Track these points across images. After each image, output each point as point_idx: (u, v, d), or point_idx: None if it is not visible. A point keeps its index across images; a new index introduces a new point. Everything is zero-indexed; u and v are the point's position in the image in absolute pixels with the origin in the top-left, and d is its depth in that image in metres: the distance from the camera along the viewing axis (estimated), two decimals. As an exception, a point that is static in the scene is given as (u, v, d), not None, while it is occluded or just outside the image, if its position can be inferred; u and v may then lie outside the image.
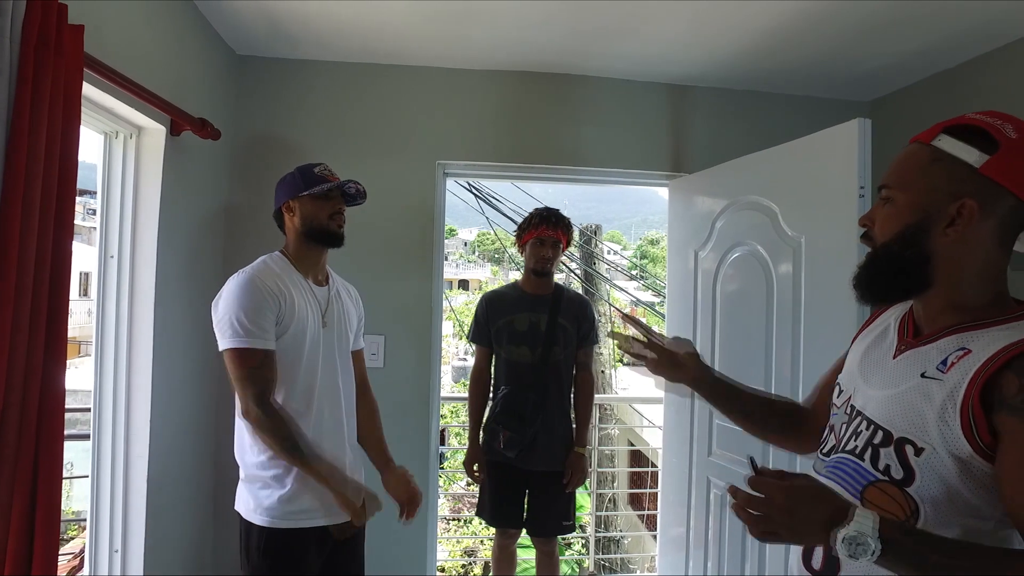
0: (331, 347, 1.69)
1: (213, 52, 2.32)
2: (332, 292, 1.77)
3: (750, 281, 2.26)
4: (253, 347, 1.50)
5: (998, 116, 0.87)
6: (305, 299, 1.64)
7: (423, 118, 2.61)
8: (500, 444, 2.41)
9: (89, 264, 1.92)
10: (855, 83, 2.65)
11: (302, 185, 1.66)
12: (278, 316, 1.55)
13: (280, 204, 1.70)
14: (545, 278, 2.51)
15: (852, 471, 0.92)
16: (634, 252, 37.59)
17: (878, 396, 0.94)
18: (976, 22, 2.07)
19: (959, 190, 0.86)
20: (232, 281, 1.56)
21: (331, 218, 1.69)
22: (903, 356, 0.94)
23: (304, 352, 1.60)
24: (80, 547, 3.55)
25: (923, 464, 0.83)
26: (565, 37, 2.31)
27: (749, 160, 2.32)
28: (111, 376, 1.88)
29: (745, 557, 2.25)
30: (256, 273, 1.57)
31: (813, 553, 0.96)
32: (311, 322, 1.63)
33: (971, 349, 0.84)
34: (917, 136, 0.93)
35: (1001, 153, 0.84)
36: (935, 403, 0.83)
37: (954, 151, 0.87)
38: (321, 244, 1.70)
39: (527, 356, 2.45)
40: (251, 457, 1.57)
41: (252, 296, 1.52)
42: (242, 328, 1.49)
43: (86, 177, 1.90)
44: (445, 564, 6.75)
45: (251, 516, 1.56)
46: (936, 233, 0.88)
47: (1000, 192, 0.84)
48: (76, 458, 3.61)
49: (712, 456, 2.46)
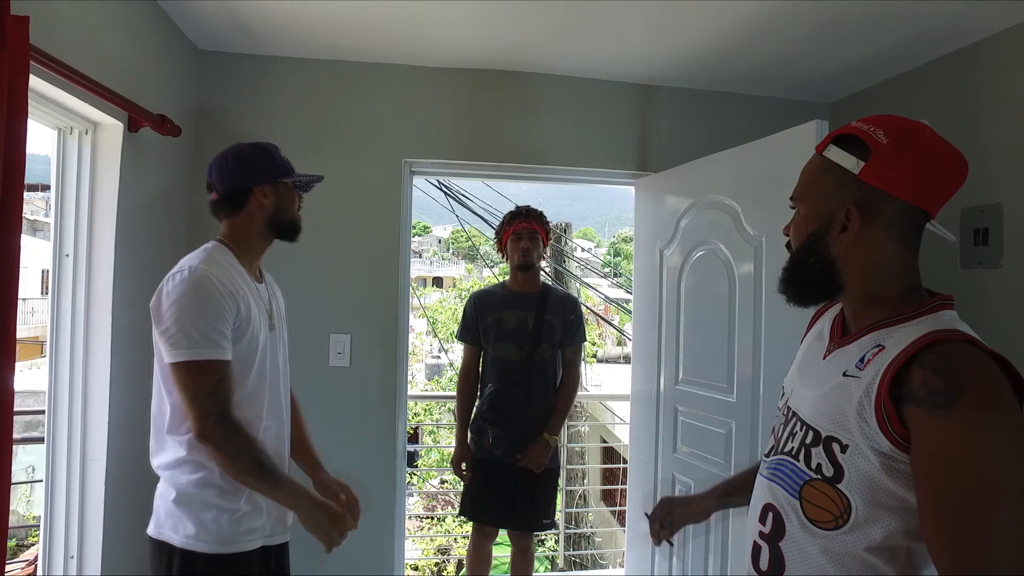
0: (276, 350, 1.54)
1: (173, 47, 2.27)
2: (270, 289, 1.60)
3: (713, 279, 2.29)
4: (215, 359, 1.31)
5: (875, 121, 0.91)
6: (255, 299, 1.46)
7: (389, 115, 2.59)
8: (488, 441, 2.42)
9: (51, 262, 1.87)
10: (816, 85, 2.70)
11: (280, 170, 1.50)
12: (236, 320, 1.37)
13: (252, 184, 1.47)
14: (530, 272, 2.53)
15: (790, 471, 0.95)
16: (607, 249, 37.83)
17: (809, 396, 0.97)
18: (930, 27, 2.13)
19: (846, 196, 0.90)
20: (180, 279, 1.33)
21: (298, 210, 1.57)
22: (831, 356, 0.98)
23: (256, 358, 1.44)
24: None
25: (849, 461, 0.86)
26: (531, 36, 2.32)
27: (712, 160, 2.35)
28: (67, 376, 1.83)
29: (708, 552, 2.29)
30: (210, 270, 1.35)
31: (760, 555, 0.98)
32: (262, 325, 1.47)
33: (885, 345, 0.87)
34: (817, 146, 0.98)
35: (873, 159, 0.88)
36: (854, 400, 0.86)
37: (838, 160, 0.92)
38: (283, 237, 1.55)
39: (515, 354, 2.46)
40: (186, 475, 1.36)
41: (210, 298, 1.32)
42: (202, 337, 1.29)
43: (47, 173, 1.86)
44: (419, 562, 6.74)
45: (189, 543, 1.34)
46: (832, 239, 0.93)
47: (881, 195, 0.88)
48: (38, 462, 3.52)
49: (677, 453, 2.49)
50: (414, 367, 14.66)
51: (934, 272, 2.17)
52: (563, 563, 3.98)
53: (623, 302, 9.37)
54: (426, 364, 16.11)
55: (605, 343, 17.21)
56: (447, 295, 18.68)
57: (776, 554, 0.94)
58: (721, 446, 2.23)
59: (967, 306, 0.92)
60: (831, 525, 0.87)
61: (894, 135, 0.88)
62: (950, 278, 2.22)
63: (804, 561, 0.90)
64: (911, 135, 0.88)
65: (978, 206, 2.15)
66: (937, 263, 2.23)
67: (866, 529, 0.84)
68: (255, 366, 1.44)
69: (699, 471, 2.35)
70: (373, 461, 2.56)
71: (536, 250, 2.51)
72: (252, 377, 1.43)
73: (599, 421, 7.49)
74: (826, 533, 0.88)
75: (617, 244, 38.56)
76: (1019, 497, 0.74)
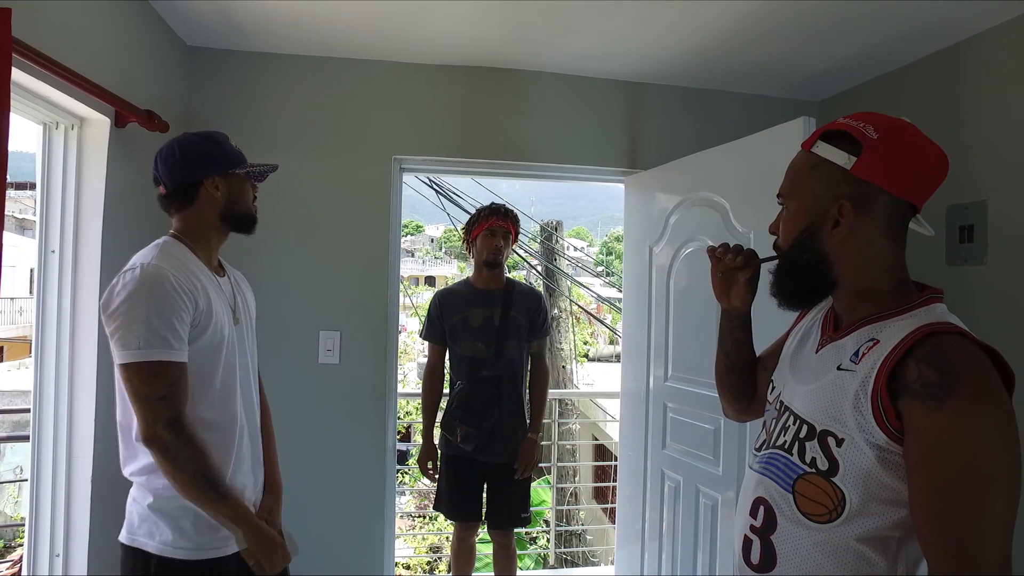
0: (243, 346, 1.49)
1: (161, 42, 2.25)
2: (232, 282, 1.54)
3: (702, 276, 2.29)
4: (169, 360, 1.24)
5: (863, 118, 0.92)
6: (216, 293, 1.41)
7: (379, 112, 2.58)
8: (457, 438, 2.42)
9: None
10: (804, 83, 2.71)
11: (232, 160, 1.44)
12: (195, 318, 1.31)
13: (202, 176, 1.41)
14: (497, 270, 2.54)
15: (783, 466, 0.95)
16: (600, 249, 37.87)
17: (802, 391, 0.97)
18: (916, 27, 2.14)
19: (837, 192, 0.91)
20: (132, 276, 1.27)
21: (254, 201, 1.51)
22: (824, 350, 0.98)
23: (222, 356, 1.39)
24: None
25: (844, 454, 0.86)
26: (522, 33, 2.32)
27: (701, 157, 2.36)
28: (52, 373, 1.82)
29: (698, 548, 2.30)
30: (165, 266, 1.29)
31: (751, 549, 0.98)
32: (225, 319, 1.42)
33: (879, 339, 0.88)
34: (803, 143, 0.98)
35: (864, 154, 0.89)
36: (849, 394, 0.87)
37: (828, 156, 0.92)
38: (239, 230, 1.50)
39: (482, 351, 2.47)
40: (163, 479, 1.29)
41: (165, 296, 1.26)
42: (155, 337, 1.23)
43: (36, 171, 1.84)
44: (411, 561, 6.73)
45: (166, 550, 1.31)
46: (824, 235, 0.93)
47: (872, 190, 0.89)
48: (26, 462, 3.49)
49: (666, 449, 2.50)
50: (406, 366, 14.64)
51: (920, 268, 2.19)
52: (554, 560, 4.00)
53: (615, 301, 9.39)
54: (418, 363, 16.06)
55: (597, 342, 17.24)
56: (439, 294, 18.56)
57: (767, 548, 0.95)
58: (710, 442, 2.24)
59: (953, 302, 0.93)
60: (824, 518, 0.88)
61: (883, 130, 0.89)
62: (936, 274, 2.24)
63: (796, 554, 0.91)
64: (898, 130, 0.90)
65: (964, 203, 2.16)
66: (923, 259, 2.25)
67: (859, 521, 0.85)
68: (221, 362, 1.39)
69: (688, 467, 2.35)
70: (363, 459, 2.55)
71: (506, 249, 2.54)
72: (219, 374, 1.39)
73: (590, 419, 7.51)
74: (819, 526, 0.88)
75: (609, 243, 38.58)
76: (1006, 487, 0.76)
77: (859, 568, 0.86)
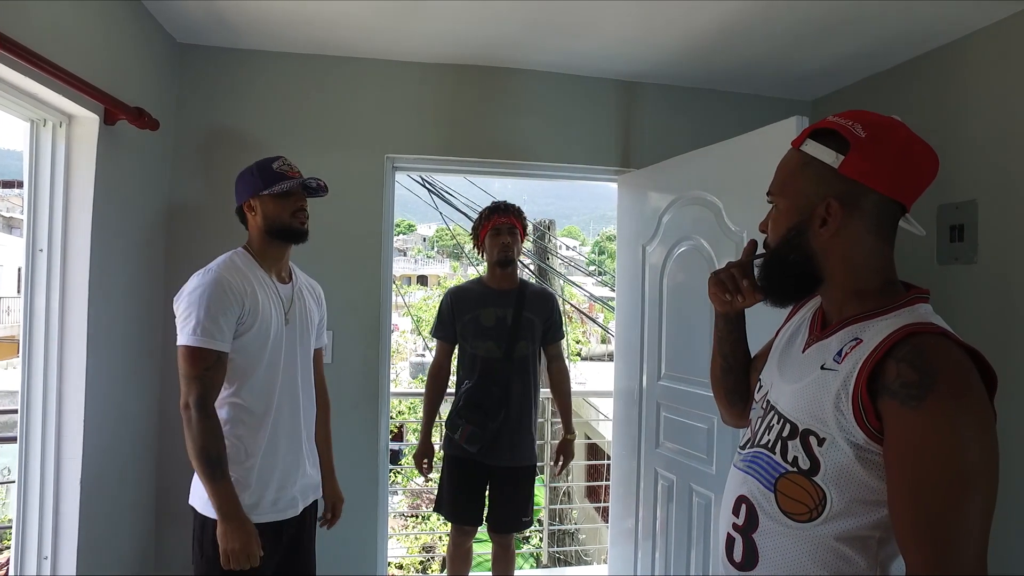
0: (293, 345, 1.71)
1: (152, 39, 2.23)
2: (295, 289, 1.78)
3: (695, 275, 2.30)
4: (208, 348, 1.51)
5: (852, 116, 0.91)
6: (269, 296, 1.65)
7: (371, 111, 2.57)
8: (462, 439, 2.39)
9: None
10: (796, 83, 2.72)
11: (261, 184, 1.65)
12: (241, 316, 1.57)
13: (241, 202, 1.70)
14: (509, 268, 2.50)
15: (765, 464, 0.95)
16: (592, 248, 37.95)
17: (787, 390, 0.97)
18: (907, 28, 2.15)
19: (825, 191, 0.91)
20: (197, 278, 1.57)
21: (293, 216, 1.70)
22: (810, 349, 0.98)
23: (267, 350, 1.62)
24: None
25: (826, 454, 0.87)
26: (514, 31, 2.31)
27: (694, 156, 2.36)
28: (40, 373, 1.79)
29: (691, 547, 2.30)
30: (222, 271, 1.58)
31: (734, 547, 0.99)
32: (274, 320, 1.65)
33: (862, 339, 0.88)
34: (793, 141, 0.98)
35: (852, 152, 0.89)
36: (831, 393, 0.87)
37: (817, 154, 0.92)
38: (284, 241, 1.72)
39: (493, 351, 2.44)
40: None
41: (215, 296, 1.52)
42: (200, 328, 1.50)
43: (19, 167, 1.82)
44: (403, 560, 6.71)
45: (206, 510, 1.55)
46: (812, 233, 0.93)
47: (860, 188, 0.89)
48: (14, 463, 3.45)
49: (660, 448, 2.50)
50: (398, 365, 14.60)
51: (911, 268, 2.20)
52: (547, 560, 3.99)
53: (607, 300, 9.40)
54: (410, 362, 16.04)
55: (589, 341, 17.26)
56: (431, 293, 18.63)
57: (750, 546, 0.95)
58: (703, 441, 2.24)
59: (943, 301, 0.94)
60: (805, 517, 0.88)
61: (871, 129, 0.89)
62: (927, 274, 2.25)
63: (778, 553, 0.91)
64: (887, 129, 0.89)
65: (954, 203, 2.18)
66: (914, 259, 2.26)
67: (840, 520, 0.86)
68: (266, 356, 1.62)
69: (681, 466, 2.36)
70: (355, 459, 2.54)
71: (516, 245, 2.49)
72: (262, 367, 1.62)
73: (583, 418, 7.52)
74: (800, 525, 0.89)
75: (602, 243, 38.70)
76: (982, 487, 0.77)
77: (840, 567, 0.86)
